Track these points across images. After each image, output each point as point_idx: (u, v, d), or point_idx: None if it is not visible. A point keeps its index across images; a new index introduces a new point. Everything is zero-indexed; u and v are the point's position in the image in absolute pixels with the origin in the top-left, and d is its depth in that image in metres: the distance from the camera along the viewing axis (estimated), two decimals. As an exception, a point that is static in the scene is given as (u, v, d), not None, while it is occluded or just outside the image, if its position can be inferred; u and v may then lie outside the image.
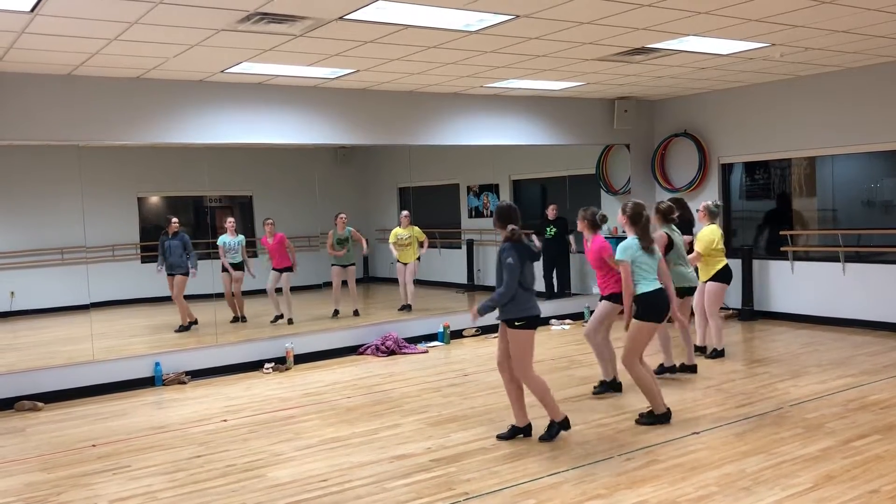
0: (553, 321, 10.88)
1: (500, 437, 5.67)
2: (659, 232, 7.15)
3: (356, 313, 10.93)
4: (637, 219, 5.92)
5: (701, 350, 8.13)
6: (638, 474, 4.85)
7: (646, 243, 5.87)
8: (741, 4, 6.22)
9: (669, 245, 7.20)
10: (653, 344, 6.57)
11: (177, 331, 9.75)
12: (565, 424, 5.63)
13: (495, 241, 12.18)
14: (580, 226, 6.95)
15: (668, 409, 5.88)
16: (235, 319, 10.39)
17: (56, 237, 9.75)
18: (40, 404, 7.35)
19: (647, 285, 5.83)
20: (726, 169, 11.15)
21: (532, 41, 7.18)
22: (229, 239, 10.34)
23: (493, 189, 12.69)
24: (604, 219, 6.88)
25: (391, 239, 11.28)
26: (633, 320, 5.86)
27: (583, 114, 11.15)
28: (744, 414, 6.07)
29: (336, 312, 10.83)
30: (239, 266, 10.44)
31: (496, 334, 10.02)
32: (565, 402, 6.65)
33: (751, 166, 11.08)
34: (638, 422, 5.87)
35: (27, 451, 6.01)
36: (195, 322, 9.91)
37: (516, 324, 5.49)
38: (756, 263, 10.56)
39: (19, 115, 7.48)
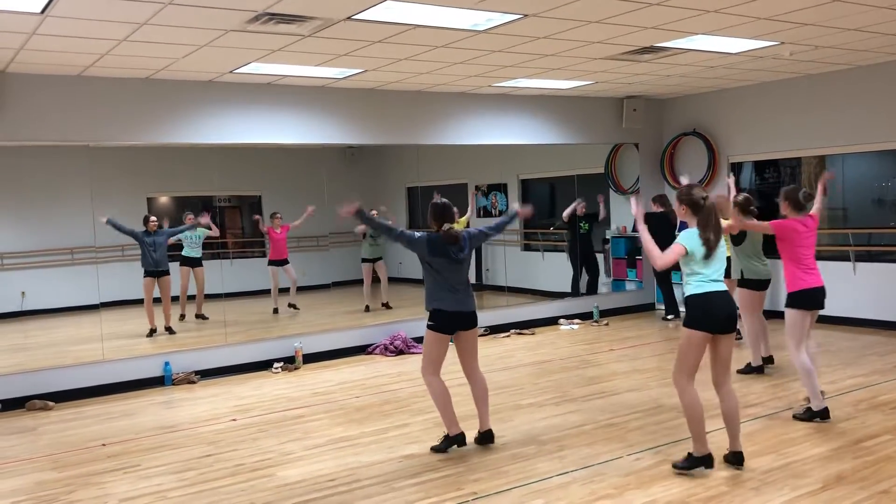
0: (562, 321, 10.87)
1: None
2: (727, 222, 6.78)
3: (388, 306, 11.31)
4: (698, 206, 4.76)
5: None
6: (647, 474, 4.84)
7: (707, 236, 4.69)
8: (750, 3, 6.19)
9: (742, 236, 7.10)
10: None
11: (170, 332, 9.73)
12: (460, 439, 5.43)
13: (504, 240, 12.19)
14: (783, 208, 5.86)
15: (710, 453, 4.82)
16: (201, 316, 10.46)
17: (66, 237, 9.78)
18: (51, 403, 7.40)
19: (698, 286, 4.73)
20: (736, 168, 11.11)
21: (540, 40, 7.17)
22: (190, 232, 10.43)
23: (502, 188, 12.68)
24: (808, 197, 5.88)
25: None
26: (682, 329, 4.84)
27: (591, 113, 11.13)
28: (753, 414, 6.05)
29: (367, 308, 11.20)
30: (199, 262, 10.48)
31: (506, 334, 10.13)
32: (575, 402, 6.65)
33: (760, 165, 11.03)
34: (675, 466, 4.87)
35: (38, 450, 6.05)
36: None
37: (428, 324, 5.45)
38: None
39: (30, 116, 7.53)
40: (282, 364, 8.66)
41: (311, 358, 8.90)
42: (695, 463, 4.79)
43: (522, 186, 12.69)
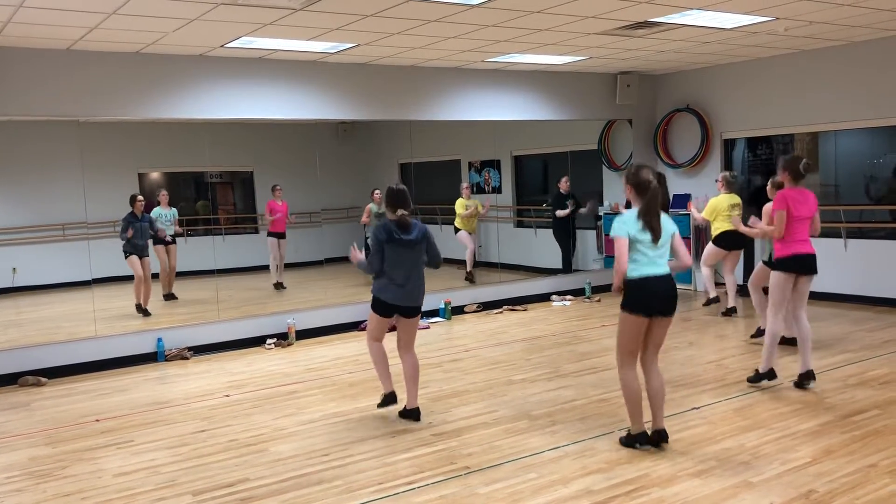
0: (554, 297, 10.91)
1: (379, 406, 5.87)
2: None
3: None
4: (643, 187, 4.68)
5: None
6: (638, 449, 4.87)
7: (649, 220, 4.64)
8: (745, -22, 6.16)
9: None
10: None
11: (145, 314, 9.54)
12: (391, 397, 5.78)
13: (497, 217, 12.19)
14: (783, 177, 6.03)
15: (646, 431, 4.90)
16: (170, 297, 10.36)
17: (57, 213, 9.73)
18: (44, 379, 7.40)
19: (635, 269, 4.67)
20: (729, 144, 11.10)
21: (534, 15, 7.12)
22: (163, 211, 10.34)
23: (495, 165, 12.65)
24: (807, 167, 6.04)
25: (459, 209, 11.43)
26: (620, 310, 4.80)
27: (585, 88, 11.09)
28: (743, 389, 6.10)
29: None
30: (172, 240, 10.38)
31: (498, 310, 10.16)
32: (567, 378, 6.69)
33: (753, 142, 11.03)
34: (621, 441, 4.99)
35: (32, 425, 6.06)
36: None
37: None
38: (757, 239, 10.52)
39: (19, 90, 7.45)
40: (275, 340, 8.67)
41: (304, 334, 8.91)
42: (631, 441, 4.91)
43: (516, 163, 12.66)
